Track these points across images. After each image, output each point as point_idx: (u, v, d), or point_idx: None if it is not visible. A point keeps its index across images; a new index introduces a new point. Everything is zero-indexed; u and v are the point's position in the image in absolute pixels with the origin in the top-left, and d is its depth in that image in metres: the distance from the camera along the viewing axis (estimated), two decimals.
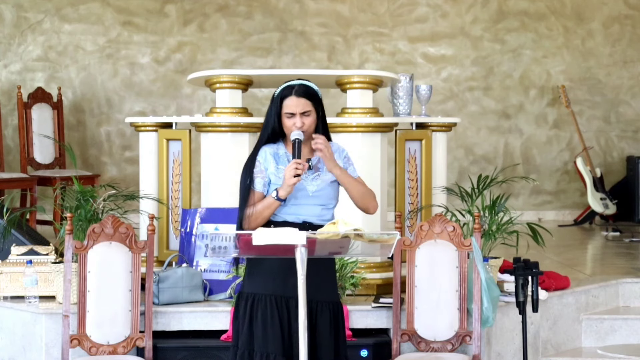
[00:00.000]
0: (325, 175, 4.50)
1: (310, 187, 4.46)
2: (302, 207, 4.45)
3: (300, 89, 4.44)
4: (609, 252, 8.28)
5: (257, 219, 4.41)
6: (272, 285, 4.42)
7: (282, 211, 4.45)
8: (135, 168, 8.23)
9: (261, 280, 4.45)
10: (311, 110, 4.45)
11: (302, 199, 4.45)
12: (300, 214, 4.45)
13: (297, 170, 4.33)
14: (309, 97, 4.45)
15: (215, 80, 6.13)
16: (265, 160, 4.47)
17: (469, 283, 5.38)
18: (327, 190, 4.50)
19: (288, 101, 4.44)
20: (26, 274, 5.60)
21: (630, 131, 10.42)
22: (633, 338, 6.33)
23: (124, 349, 5.29)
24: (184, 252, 5.99)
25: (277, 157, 4.48)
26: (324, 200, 4.49)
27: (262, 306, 4.42)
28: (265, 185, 4.46)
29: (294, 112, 4.42)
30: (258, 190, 4.46)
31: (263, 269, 4.44)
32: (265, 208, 4.41)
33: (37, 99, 9.24)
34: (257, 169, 4.47)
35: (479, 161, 10.31)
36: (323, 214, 4.47)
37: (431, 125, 6.31)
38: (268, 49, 10.12)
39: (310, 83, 4.49)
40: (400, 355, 5.34)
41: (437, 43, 10.27)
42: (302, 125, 4.41)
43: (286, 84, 4.48)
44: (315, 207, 4.47)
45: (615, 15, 10.36)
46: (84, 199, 5.64)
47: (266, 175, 4.46)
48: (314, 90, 4.48)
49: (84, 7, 9.88)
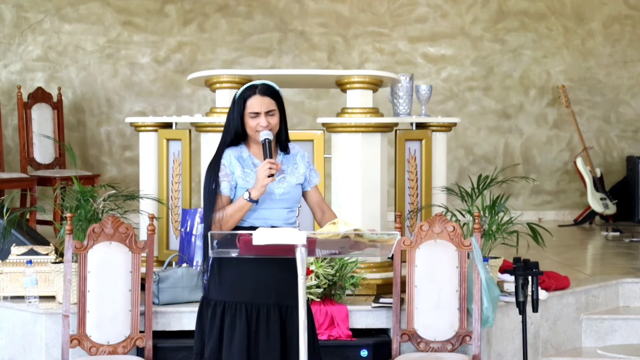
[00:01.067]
0: (291, 177, 4.46)
1: (277, 190, 4.41)
2: (269, 211, 4.40)
3: (264, 88, 4.39)
4: (609, 252, 8.28)
5: (227, 222, 4.34)
6: (242, 292, 4.35)
7: (250, 216, 4.39)
8: (135, 168, 8.23)
9: (231, 287, 4.38)
10: (275, 110, 4.39)
11: (269, 203, 4.39)
12: (268, 217, 4.40)
13: (271, 170, 4.28)
14: (272, 96, 4.39)
15: (215, 80, 6.13)
16: (231, 164, 4.39)
17: (469, 283, 5.38)
18: (292, 192, 4.45)
19: (252, 101, 4.37)
20: (26, 274, 5.60)
21: (630, 131, 10.43)
22: (633, 338, 6.33)
23: (124, 349, 5.29)
24: (184, 252, 5.99)
25: (241, 160, 4.41)
26: (290, 203, 4.45)
27: (231, 314, 4.35)
28: (232, 189, 4.39)
29: (259, 112, 4.36)
30: (225, 194, 4.38)
31: (232, 276, 4.37)
32: (236, 211, 4.34)
33: (37, 99, 9.24)
34: (222, 172, 4.39)
35: (479, 161, 10.31)
36: (289, 217, 4.44)
37: (431, 125, 6.31)
38: (268, 49, 10.12)
39: (272, 83, 4.43)
40: (400, 355, 5.34)
41: (437, 43, 10.27)
42: (268, 125, 4.36)
43: (248, 84, 4.42)
44: (282, 211, 4.42)
45: (615, 15, 10.36)
46: (84, 199, 5.64)
47: (233, 179, 4.39)
48: (276, 89, 4.42)
49: (84, 7, 9.88)
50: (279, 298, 4.37)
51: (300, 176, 4.49)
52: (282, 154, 4.49)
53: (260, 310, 4.36)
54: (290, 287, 4.24)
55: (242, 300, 4.35)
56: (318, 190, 4.58)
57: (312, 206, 4.57)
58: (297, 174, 4.48)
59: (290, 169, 4.47)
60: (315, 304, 5.51)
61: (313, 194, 4.55)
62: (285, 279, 4.32)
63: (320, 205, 4.56)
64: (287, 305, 4.37)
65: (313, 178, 4.53)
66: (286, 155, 4.49)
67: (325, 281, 5.56)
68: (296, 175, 4.47)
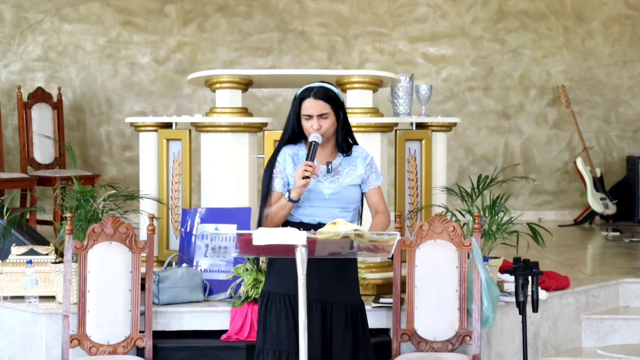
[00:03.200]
0: (344, 179, 4.54)
1: (326, 190, 4.50)
2: (317, 209, 4.50)
3: (319, 92, 4.48)
4: (609, 252, 8.28)
5: (273, 219, 4.48)
6: (285, 284, 4.44)
7: (298, 212, 4.51)
8: (135, 168, 8.23)
9: (276, 279, 4.51)
10: (329, 113, 4.47)
11: (318, 202, 4.50)
12: (316, 215, 4.50)
13: (306, 172, 4.37)
14: (327, 100, 4.47)
15: (215, 80, 6.13)
16: (285, 161, 4.52)
17: (469, 283, 5.38)
18: (343, 193, 4.53)
19: (306, 103, 4.47)
20: (26, 274, 5.60)
21: (630, 131, 10.43)
22: (633, 338, 6.33)
23: (124, 349, 5.29)
24: (184, 252, 5.99)
25: (296, 158, 4.53)
26: (341, 203, 4.53)
27: (276, 305, 4.47)
28: (284, 186, 4.51)
29: (311, 114, 4.46)
30: (277, 191, 4.51)
31: (278, 268, 4.50)
32: (279, 209, 4.47)
33: (37, 99, 9.24)
34: (276, 169, 4.52)
35: (479, 161, 10.31)
36: (341, 216, 4.47)
37: (431, 125, 6.31)
38: (268, 49, 10.12)
39: (330, 86, 4.52)
40: (400, 355, 5.34)
41: (437, 43, 10.27)
42: (319, 128, 4.45)
43: (307, 85, 4.52)
44: (332, 209, 4.51)
45: (615, 15, 10.37)
46: (84, 199, 5.64)
47: (285, 176, 4.51)
48: (334, 93, 4.50)
49: (84, 7, 9.88)
50: (320, 293, 4.45)
51: (357, 178, 4.57)
52: (342, 156, 4.57)
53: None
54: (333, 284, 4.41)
55: (286, 292, 4.45)
56: (378, 192, 4.63)
57: (370, 207, 4.65)
58: (353, 175, 4.56)
59: (347, 171, 4.56)
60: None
61: (370, 195, 4.63)
62: (328, 275, 4.43)
63: (375, 207, 4.63)
64: (332, 302, 4.48)
65: (372, 180, 4.61)
66: (346, 157, 4.58)
67: None
68: (352, 177, 4.55)
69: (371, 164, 4.62)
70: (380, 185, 4.66)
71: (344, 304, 4.51)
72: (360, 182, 4.59)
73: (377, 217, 4.61)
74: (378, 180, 4.63)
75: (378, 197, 4.63)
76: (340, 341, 4.46)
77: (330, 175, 4.52)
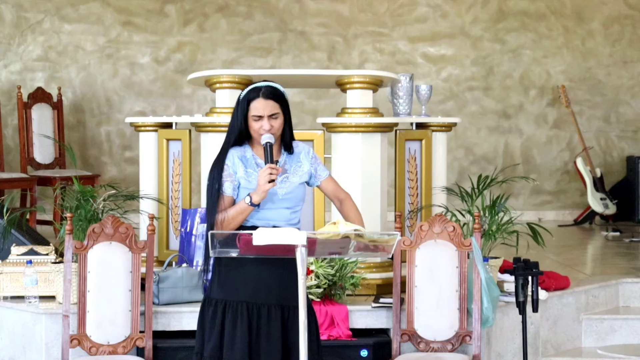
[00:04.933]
0: (294, 177, 4.44)
1: (280, 191, 4.40)
2: (271, 211, 4.39)
3: (268, 91, 4.37)
4: (609, 252, 8.28)
5: (229, 224, 4.34)
6: (243, 291, 4.35)
7: (253, 217, 4.38)
8: (135, 168, 8.23)
9: (232, 286, 4.37)
10: (279, 113, 4.37)
11: (271, 204, 4.38)
12: (270, 218, 4.39)
13: (272, 175, 4.27)
14: (276, 99, 4.37)
15: (215, 80, 6.13)
16: (234, 164, 4.39)
17: (469, 283, 5.38)
18: (295, 192, 4.44)
19: (255, 103, 4.35)
20: (26, 274, 5.60)
21: (630, 131, 10.42)
22: (633, 338, 6.33)
23: (124, 349, 5.29)
24: (184, 252, 5.99)
25: (244, 160, 4.41)
26: (292, 203, 4.43)
27: (232, 313, 4.35)
28: (235, 189, 4.39)
29: (262, 115, 4.34)
30: (228, 195, 4.38)
31: (234, 275, 4.37)
32: (238, 213, 4.34)
33: (37, 99, 9.24)
34: (225, 172, 4.38)
35: (479, 161, 10.31)
36: (291, 218, 4.42)
37: (431, 125, 6.31)
38: (268, 49, 10.12)
39: (277, 85, 4.41)
40: (400, 355, 5.34)
41: (437, 43, 10.27)
42: (271, 128, 4.34)
43: (252, 85, 4.40)
44: (284, 211, 4.41)
45: (615, 15, 10.36)
46: (84, 199, 5.64)
47: (235, 179, 4.39)
48: (280, 92, 4.40)
49: (84, 7, 9.88)
50: (281, 298, 4.36)
51: (305, 174, 4.48)
52: (285, 154, 4.47)
53: (261, 309, 4.35)
54: (292, 288, 4.20)
55: (244, 300, 4.35)
56: (331, 181, 4.55)
57: (330, 198, 4.57)
58: (300, 172, 4.47)
59: (294, 169, 4.46)
60: (316, 304, 5.51)
61: (326, 186, 4.54)
62: (287, 279, 4.31)
63: (336, 195, 4.55)
64: (289, 305, 4.36)
65: (321, 172, 4.52)
66: (290, 155, 4.48)
67: (325, 281, 5.56)
68: (299, 174, 4.46)
69: (315, 157, 4.52)
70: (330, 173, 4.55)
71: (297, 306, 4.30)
72: (308, 177, 4.49)
73: (346, 204, 4.52)
74: (326, 170, 4.53)
75: (334, 184, 4.55)
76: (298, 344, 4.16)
77: (279, 175, 4.38)
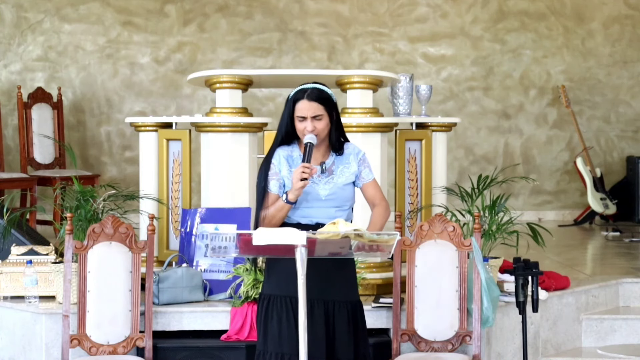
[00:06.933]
0: (339, 178, 4.53)
1: (322, 192, 4.49)
2: (314, 209, 4.49)
3: (313, 93, 4.45)
4: (609, 252, 8.28)
5: (270, 221, 4.45)
6: (286, 286, 4.43)
7: (296, 214, 4.49)
8: (135, 168, 8.23)
9: (276, 281, 4.49)
10: (323, 114, 4.46)
11: (314, 202, 4.48)
12: (313, 216, 4.48)
13: (304, 174, 4.35)
14: (321, 101, 4.46)
15: (215, 80, 6.13)
16: (279, 163, 4.51)
17: (469, 283, 5.38)
18: (339, 193, 4.52)
19: (300, 104, 4.45)
20: (26, 274, 5.60)
21: (630, 131, 10.43)
22: (633, 338, 6.33)
23: (124, 349, 5.29)
24: (184, 252, 5.99)
25: (290, 159, 4.51)
26: (337, 203, 4.52)
27: (277, 307, 4.46)
28: (280, 187, 4.50)
29: (305, 116, 4.44)
30: (273, 193, 4.50)
31: (278, 271, 4.48)
32: (277, 211, 4.45)
33: (37, 99, 9.24)
34: (271, 171, 4.50)
35: (479, 161, 10.31)
36: (337, 215, 4.48)
37: (431, 125, 6.31)
38: (268, 49, 10.12)
39: (323, 87, 4.50)
40: (400, 355, 5.34)
41: (437, 43, 10.27)
42: (314, 129, 4.43)
43: (300, 87, 4.49)
44: (329, 209, 4.50)
45: (615, 15, 10.37)
46: (84, 199, 5.64)
47: (281, 178, 4.50)
48: (327, 94, 4.48)
49: (84, 7, 9.88)
50: (322, 293, 4.44)
51: (351, 175, 4.56)
52: (334, 155, 4.56)
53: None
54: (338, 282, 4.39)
55: (287, 294, 4.44)
56: (373, 186, 4.62)
57: (367, 201, 4.65)
58: (347, 173, 4.55)
59: (341, 170, 4.55)
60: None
61: (365, 190, 4.62)
62: (328, 275, 4.42)
63: (372, 200, 4.63)
64: (334, 300, 4.47)
65: (365, 175, 4.60)
66: (339, 156, 4.57)
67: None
68: (346, 175, 4.54)
69: (363, 159, 4.61)
70: (374, 178, 4.64)
71: (344, 302, 4.51)
72: (354, 178, 4.58)
73: (375, 210, 4.61)
74: (370, 174, 4.61)
75: (373, 190, 4.62)
76: (344, 339, 4.47)
77: (324, 176, 4.51)
